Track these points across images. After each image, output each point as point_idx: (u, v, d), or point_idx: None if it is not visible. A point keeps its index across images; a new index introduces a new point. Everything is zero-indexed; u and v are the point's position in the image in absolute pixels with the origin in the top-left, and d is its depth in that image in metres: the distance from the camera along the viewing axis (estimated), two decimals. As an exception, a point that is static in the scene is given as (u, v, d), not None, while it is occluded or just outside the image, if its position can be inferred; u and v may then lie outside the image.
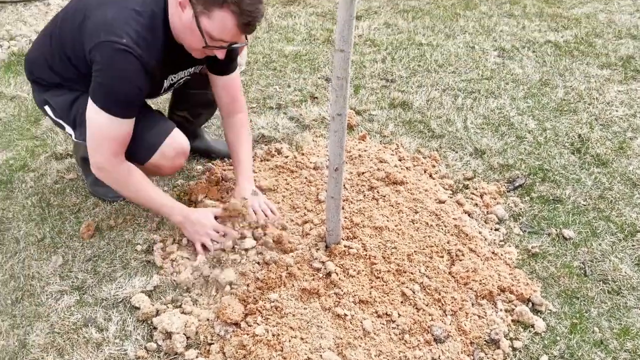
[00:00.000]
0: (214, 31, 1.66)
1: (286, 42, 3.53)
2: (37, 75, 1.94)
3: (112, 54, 1.63)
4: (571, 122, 2.79)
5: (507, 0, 4.27)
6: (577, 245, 2.08)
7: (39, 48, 1.92)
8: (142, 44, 1.65)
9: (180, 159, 1.96)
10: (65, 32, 1.80)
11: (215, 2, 1.60)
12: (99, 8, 1.71)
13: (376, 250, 1.88)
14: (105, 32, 1.64)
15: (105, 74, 1.67)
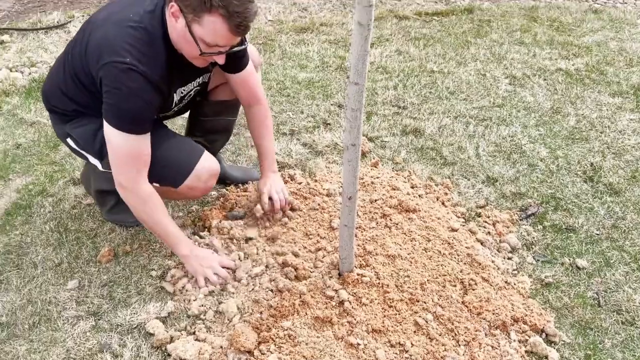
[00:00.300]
0: (206, 37, 1.68)
1: (299, 69, 3.59)
2: (54, 104, 1.99)
3: (118, 74, 1.68)
4: (583, 151, 2.80)
5: (517, 28, 4.31)
6: (591, 275, 2.08)
7: (53, 77, 1.98)
8: (144, 59, 1.69)
9: (212, 181, 2.01)
10: (75, 56, 1.85)
11: (203, 8, 1.62)
12: (101, 28, 1.77)
13: (389, 279, 1.88)
14: (107, 52, 1.69)
15: (114, 94, 1.71)
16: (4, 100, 3.14)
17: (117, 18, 1.76)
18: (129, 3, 1.83)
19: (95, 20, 1.84)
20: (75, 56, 1.84)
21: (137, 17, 1.74)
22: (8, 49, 3.81)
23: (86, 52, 1.77)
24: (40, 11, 4.52)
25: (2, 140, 2.79)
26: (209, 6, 1.61)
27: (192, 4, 1.62)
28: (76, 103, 1.93)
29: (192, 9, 1.64)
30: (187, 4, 1.63)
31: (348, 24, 4.33)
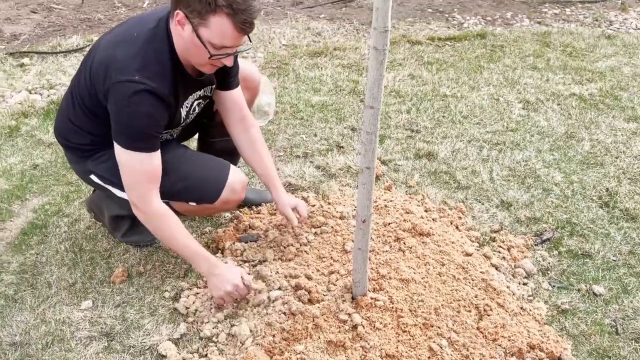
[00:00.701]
0: (214, 39, 1.69)
1: (313, 93, 3.63)
2: (67, 138, 2.01)
3: (126, 93, 1.69)
4: (598, 176, 2.78)
5: (530, 54, 4.33)
6: (608, 302, 2.04)
7: (63, 110, 2.02)
8: (153, 76, 1.72)
9: (244, 192, 2.05)
10: (81, 82, 1.87)
11: (208, 10, 1.64)
12: (106, 49, 1.79)
13: (403, 303, 1.87)
14: (115, 71, 1.71)
15: (123, 113, 1.73)
16: (23, 122, 3.20)
17: (122, 37, 1.80)
18: (132, 24, 1.87)
19: (100, 43, 1.87)
20: (81, 82, 1.87)
21: (143, 34, 1.77)
22: (28, 72, 3.89)
23: (91, 72, 1.79)
24: (59, 35, 4.63)
25: (20, 161, 2.83)
26: (214, 7, 1.63)
27: (197, 8, 1.65)
28: (89, 133, 1.95)
29: (197, 13, 1.66)
30: (192, 10, 1.66)
31: (361, 48, 4.38)
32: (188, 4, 1.66)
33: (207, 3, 1.62)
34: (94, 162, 2.00)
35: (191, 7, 1.66)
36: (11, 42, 4.53)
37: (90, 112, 1.89)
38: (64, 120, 1.99)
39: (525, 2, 5.69)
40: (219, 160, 2.07)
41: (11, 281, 2.09)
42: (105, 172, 1.98)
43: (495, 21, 5.20)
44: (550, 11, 5.45)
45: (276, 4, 5.55)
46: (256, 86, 2.34)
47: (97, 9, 5.32)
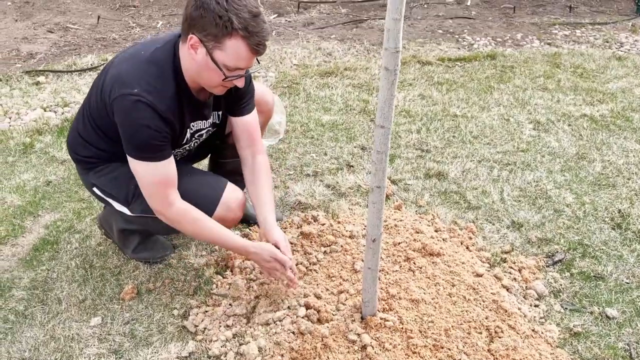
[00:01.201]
0: (229, 61, 1.73)
1: (323, 112, 3.65)
2: (77, 152, 2.08)
3: (126, 105, 1.75)
4: (610, 197, 2.76)
5: (541, 74, 4.33)
6: (622, 326, 2.01)
7: (74, 126, 2.08)
8: (153, 91, 1.76)
9: (241, 210, 2.05)
10: (92, 101, 1.93)
11: (224, 33, 1.68)
12: (115, 66, 1.85)
13: (413, 324, 1.85)
14: (118, 86, 1.77)
15: (126, 125, 1.78)
16: (37, 139, 3.25)
17: (130, 55, 1.86)
18: (144, 43, 1.93)
19: (112, 62, 1.93)
20: (92, 98, 1.94)
21: (148, 53, 1.83)
22: (43, 90, 3.96)
23: (102, 89, 1.85)
24: (75, 54, 4.72)
25: (34, 177, 2.87)
26: (230, 30, 1.67)
27: (213, 32, 1.68)
28: (96, 148, 2.01)
29: (212, 37, 1.70)
30: (207, 34, 1.69)
31: (371, 68, 4.41)
32: (203, 28, 1.69)
33: (223, 27, 1.66)
34: (95, 174, 2.05)
35: (206, 31, 1.69)
36: (28, 60, 4.62)
37: (97, 127, 1.95)
38: (75, 134, 2.07)
39: (536, 24, 5.72)
40: (216, 177, 2.08)
41: (22, 297, 2.10)
42: (105, 185, 2.04)
43: (505, 42, 5.23)
44: (560, 32, 5.47)
45: (288, 25, 5.62)
46: (270, 109, 2.36)
47: (112, 29, 5.41)
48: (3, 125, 3.46)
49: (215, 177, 2.09)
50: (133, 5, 6.19)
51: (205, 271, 2.20)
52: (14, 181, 2.83)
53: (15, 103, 3.73)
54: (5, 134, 3.29)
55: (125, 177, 1.98)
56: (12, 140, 3.21)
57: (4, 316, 2.01)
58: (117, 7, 6.14)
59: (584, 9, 6.25)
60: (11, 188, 2.78)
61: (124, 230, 2.23)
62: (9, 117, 3.56)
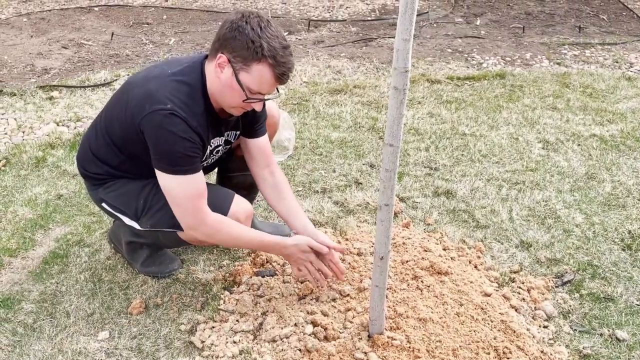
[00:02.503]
0: (253, 84, 1.79)
1: (332, 129, 3.67)
2: (87, 168, 2.11)
3: (161, 119, 1.78)
4: (620, 218, 2.74)
5: (550, 94, 4.34)
6: (632, 348, 1.99)
7: (85, 143, 2.11)
8: (184, 107, 1.80)
9: (248, 222, 2.07)
10: (112, 117, 1.96)
11: (254, 58, 1.75)
12: (141, 85, 1.88)
13: (420, 343, 1.84)
14: (149, 103, 1.80)
15: (159, 139, 1.81)
16: (50, 153, 3.29)
17: (157, 74, 1.89)
18: (166, 63, 1.98)
19: (134, 81, 1.96)
20: (113, 117, 1.96)
21: (178, 71, 1.87)
22: (57, 104, 4.01)
23: (126, 109, 1.88)
24: (88, 70, 4.79)
25: (45, 191, 2.90)
26: (260, 56, 1.74)
27: (243, 54, 1.75)
28: (106, 164, 2.04)
29: (241, 59, 1.76)
30: (236, 55, 1.76)
31: (381, 86, 4.44)
32: (233, 49, 1.76)
33: (254, 51, 1.74)
34: (104, 190, 2.08)
35: (236, 53, 1.76)
36: (42, 75, 4.69)
37: (113, 143, 1.98)
38: (85, 150, 2.10)
39: (545, 44, 5.74)
40: (224, 190, 2.11)
41: (31, 310, 2.11)
42: (114, 200, 2.06)
43: (514, 61, 5.24)
44: (569, 52, 5.48)
45: (298, 43, 5.68)
46: (275, 123, 2.39)
47: (125, 45, 5.50)
48: (16, 139, 3.51)
49: (223, 189, 2.12)
50: (146, 23, 6.28)
51: (213, 286, 2.21)
52: (26, 194, 2.87)
53: (29, 117, 3.79)
54: (18, 148, 3.33)
55: (134, 191, 2.02)
56: (25, 154, 3.26)
57: (12, 329, 2.03)
58: (130, 24, 6.23)
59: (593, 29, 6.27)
60: (23, 201, 2.81)
61: (131, 243, 2.25)
62: (22, 131, 3.61)
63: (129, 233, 2.22)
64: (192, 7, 6.95)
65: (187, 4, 7.09)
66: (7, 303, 2.15)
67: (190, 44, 5.59)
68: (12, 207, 2.76)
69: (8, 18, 6.26)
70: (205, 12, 6.74)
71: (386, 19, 6.57)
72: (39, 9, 6.67)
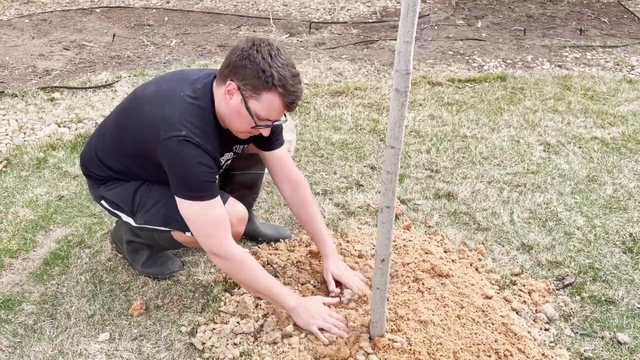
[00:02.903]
0: (262, 112, 1.80)
1: (333, 131, 3.67)
2: (91, 170, 2.12)
3: (176, 147, 1.79)
4: (622, 220, 2.74)
5: (551, 97, 4.34)
6: (633, 351, 1.99)
7: (91, 146, 2.12)
8: (198, 132, 1.81)
9: (242, 226, 2.07)
10: (123, 127, 1.97)
11: (264, 87, 1.76)
12: (154, 106, 1.88)
13: (421, 346, 1.84)
14: (164, 129, 1.81)
15: (177, 167, 1.82)
16: (51, 154, 3.29)
17: (170, 95, 1.89)
18: (177, 80, 1.96)
19: (143, 95, 1.96)
20: (123, 128, 1.97)
21: (190, 92, 1.87)
22: (58, 106, 4.02)
23: (141, 129, 1.89)
24: (89, 71, 4.79)
25: (46, 192, 2.90)
26: (271, 85, 1.75)
27: (253, 82, 1.76)
28: (111, 170, 2.06)
29: (251, 87, 1.77)
30: (246, 83, 1.77)
31: (382, 88, 4.44)
32: (243, 77, 1.77)
33: (265, 81, 1.74)
34: (105, 188, 2.10)
35: (246, 81, 1.77)
36: (43, 77, 4.70)
37: (123, 154, 1.99)
38: (90, 152, 2.11)
39: (546, 46, 5.74)
40: (222, 193, 2.09)
41: (32, 311, 2.11)
42: (113, 197, 2.08)
43: (515, 64, 5.25)
44: (571, 55, 5.48)
45: (299, 45, 5.68)
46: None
47: (126, 47, 5.51)
48: (18, 140, 3.51)
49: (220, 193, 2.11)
50: (148, 24, 6.29)
51: (214, 288, 2.20)
52: (27, 195, 2.87)
53: (30, 118, 3.79)
54: (19, 149, 3.33)
55: (131, 188, 2.05)
56: (26, 155, 3.26)
57: (13, 330, 2.03)
58: (132, 25, 6.25)
59: (594, 32, 6.27)
60: (24, 202, 2.81)
61: (131, 243, 2.25)
62: (23, 132, 3.61)
63: (129, 232, 2.23)
64: (194, 9, 6.96)
65: (188, 6, 7.10)
66: (8, 304, 2.15)
67: (192, 45, 5.60)
68: (13, 208, 2.76)
69: (10, 19, 6.27)
70: (206, 14, 6.75)
71: (387, 21, 6.58)
72: (41, 10, 6.68)
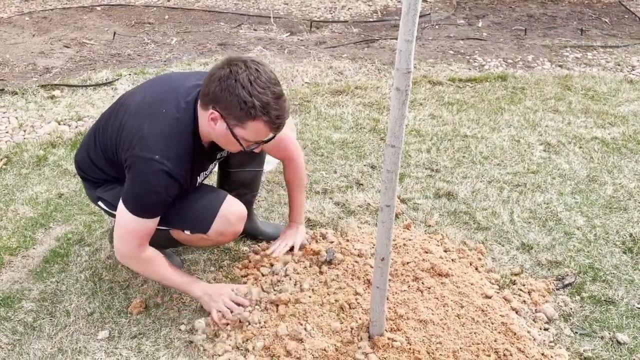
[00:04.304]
0: (249, 137, 1.80)
1: (334, 130, 3.67)
2: (86, 172, 2.12)
3: (145, 169, 1.79)
4: (622, 221, 2.74)
5: (552, 96, 4.33)
6: (633, 351, 1.99)
7: (84, 148, 2.11)
8: (173, 156, 1.80)
9: (240, 224, 2.05)
10: (106, 136, 1.97)
11: (247, 117, 1.74)
12: (136, 117, 1.87)
13: (420, 345, 1.84)
14: (139, 146, 1.80)
15: (138, 185, 1.82)
16: (51, 152, 3.29)
17: (152, 109, 1.86)
18: (164, 90, 1.93)
19: (129, 103, 1.94)
20: (106, 136, 1.97)
21: (174, 109, 1.84)
22: (58, 104, 4.02)
23: (118, 137, 1.89)
24: (90, 69, 4.79)
25: (46, 190, 2.90)
26: (254, 115, 1.73)
27: (236, 114, 1.74)
28: (105, 173, 2.06)
29: (235, 118, 1.75)
30: (229, 113, 1.75)
31: (382, 87, 4.44)
32: (225, 108, 1.74)
33: (247, 112, 1.72)
34: (102, 190, 2.10)
35: (229, 111, 1.75)
36: (44, 74, 4.69)
37: (113, 163, 2.00)
38: (84, 154, 2.11)
39: (547, 46, 5.73)
40: (217, 191, 2.12)
41: (31, 308, 2.11)
42: (111, 198, 2.07)
43: (516, 64, 5.24)
44: (571, 55, 5.47)
45: (300, 43, 5.68)
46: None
47: (127, 45, 5.50)
48: (18, 137, 3.51)
49: (216, 191, 2.12)
50: (148, 22, 6.29)
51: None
52: (27, 193, 2.87)
53: (30, 116, 3.79)
54: (19, 147, 3.33)
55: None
56: (27, 152, 3.26)
57: (12, 327, 2.03)
58: (132, 23, 6.24)
59: (595, 32, 6.26)
60: (24, 200, 2.81)
61: None
62: (23, 130, 3.61)
63: None
64: (194, 7, 6.96)
65: (189, 4, 7.10)
66: (7, 302, 2.14)
67: (192, 43, 5.59)
68: (12, 205, 2.76)
69: (10, 17, 6.27)
70: (207, 12, 6.74)
71: (388, 20, 6.58)
72: (41, 8, 6.67)
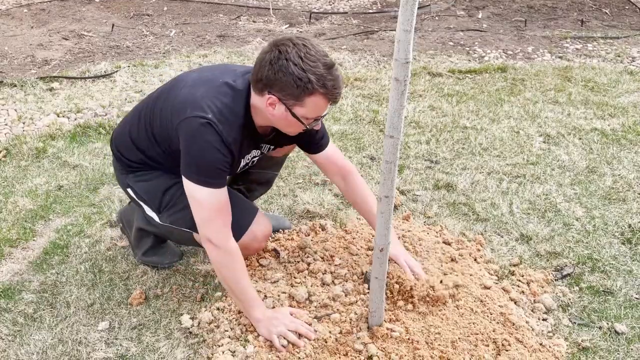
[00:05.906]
0: (309, 114, 1.79)
1: (333, 122, 3.66)
2: (121, 151, 2.09)
3: (197, 127, 1.76)
4: (620, 211, 2.74)
5: (551, 88, 4.32)
6: (631, 341, 1.99)
7: (127, 124, 2.08)
8: (224, 121, 1.78)
9: (265, 241, 2.11)
10: (156, 110, 1.94)
11: (305, 93, 1.73)
12: (189, 88, 1.86)
13: (419, 335, 1.85)
14: (191, 108, 1.79)
15: (192, 147, 1.79)
16: (50, 144, 3.28)
17: (208, 79, 1.88)
18: (222, 69, 1.95)
19: (185, 79, 1.94)
20: (156, 111, 1.94)
21: (231, 80, 1.85)
22: (57, 96, 4.01)
23: (172, 107, 1.86)
24: (89, 61, 4.78)
25: (46, 182, 2.90)
26: (311, 89, 1.72)
27: (293, 92, 1.73)
28: (143, 153, 2.02)
29: (292, 96, 1.74)
30: (286, 94, 1.74)
31: (381, 79, 4.43)
32: (282, 89, 1.74)
33: (304, 88, 1.71)
34: (134, 177, 2.07)
35: (285, 92, 1.74)
36: (42, 67, 4.68)
37: (156, 143, 1.96)
38: (124, 134, 2.07)
39: (547, 37, 5.72)
40: (252, 205, 2.13)
41: (31, 300, 2.12)
42: (141, 190, 2.06)
43: (516, 55, 5.23)
44: (571, 46, 5.46)
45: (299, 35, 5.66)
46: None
47: (125, 37, 5.48)
48: (17, 130, 3.51)
49: (249, 205, 2.12)
50: (147, 14, 6.27)
51: (213, 278, 2.21)
52: (27, 185, 2.87)
53: (29, 108, 3.78)
54: (19, 139, 3.33)
55: (162, 185, 2.03)
56: (26, 145, 3.25)
57: (13, 319, 2.03)
58: (131, 15, 6.22)
59: (595, 23, 6.25)
60: (23, 192, 2.81)
61: (141, 230, 2.24)
62: (22, 122, 3.60)
63: (142, 220, 2.20)
64: (193, -2, 6.93)
65: (188, -5, 7.06)
66: (8, 293, 2.15)
67: (191, 35, 5.57)
68: (12, 197, 2.76)
69: (8, 9, 6.24)
70: (205, 3, 6.72)
71: (387, 12, 6.55)
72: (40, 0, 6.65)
